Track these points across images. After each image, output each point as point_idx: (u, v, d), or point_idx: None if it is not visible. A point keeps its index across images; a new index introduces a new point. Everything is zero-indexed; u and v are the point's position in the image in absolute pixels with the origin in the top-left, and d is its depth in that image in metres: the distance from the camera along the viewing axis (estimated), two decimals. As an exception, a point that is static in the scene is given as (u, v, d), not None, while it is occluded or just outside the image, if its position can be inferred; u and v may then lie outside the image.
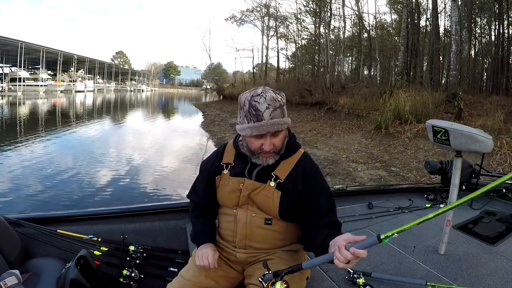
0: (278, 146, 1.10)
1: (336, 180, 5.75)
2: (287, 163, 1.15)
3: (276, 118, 1.03)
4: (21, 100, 23.67)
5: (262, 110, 1.01)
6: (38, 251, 1.61)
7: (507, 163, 5.54)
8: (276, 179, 1.13)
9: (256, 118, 1.02)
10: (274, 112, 1.02)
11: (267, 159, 1.11)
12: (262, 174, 1.15)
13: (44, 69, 34.03)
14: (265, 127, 1.02)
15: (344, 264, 0.86)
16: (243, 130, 1.06)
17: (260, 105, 1.01)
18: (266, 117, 1.01)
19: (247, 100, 1.04)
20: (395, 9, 16.22)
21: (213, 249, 1.18)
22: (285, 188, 1.12)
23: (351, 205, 2.21)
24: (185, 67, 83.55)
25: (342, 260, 0.86)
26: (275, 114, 1.03)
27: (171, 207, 1.92)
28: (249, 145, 1.11)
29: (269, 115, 1.02)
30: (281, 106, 1.05)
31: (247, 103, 1.03)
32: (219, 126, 13.36)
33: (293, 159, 1.16)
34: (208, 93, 49.54)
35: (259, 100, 1.02)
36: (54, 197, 4.77)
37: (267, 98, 1.02)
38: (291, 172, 1.14)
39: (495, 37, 12.06)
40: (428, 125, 1.62)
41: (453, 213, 1.63)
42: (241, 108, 1.06)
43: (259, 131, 1.03)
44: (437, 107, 8.67)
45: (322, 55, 16.50)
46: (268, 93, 1.03)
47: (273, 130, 1.04)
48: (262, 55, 25.89)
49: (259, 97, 1.02)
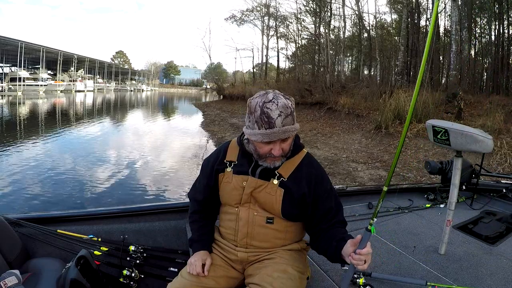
0: (286, 150, 1.12)
1: (336, 180, 5.75)
2: (290, 163, 1.17)
3: (288, 125, 1.03)
4: (21, 99, 23.66)
5: (275, 117, 1.01)
6: (38, 251, 1.61)
7: (507, 163, 5.54)
8: (279, 177, 1.15)
9: (268, 125, 1.02)
10: (286, 119, 1.03)
11: (275, 162, 1.13)
12: (266, 173, 1.16)
13: (44, 69, 34.01)
14: (276, 134, 1.03)
15: (364, 265, 0.95)
16: (253, 135, 1.06)
17: (273, 112, 1.01)
18: (278, 124, 1.02)
19: (258, 106, 1.03)
20: (395, 9, 16.21)
21: (204, 257, 1.19)
22: (288, 187, 1.14)
23: (351, 205, 2.21)
24: (185, 67, 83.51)
25: (362, 264, 0.95)
26: (287, 122, 1.03)
27: (171, 207, 1.91)
28: (257, 149, 1.11)
29: (281, 122, 1.02)
30: (292, 112, 1.05)
31: (259, 109, 1.02)
32: (219, 125, 13.36)
33: (296, 159, 1.18)
34: (208, 93, 49.54)
35: (271, 107, 1.01)
36: (61, 194, 4.82)
37: (279, 105, 1.02)
38: (294, 172, 1.16)
39: (495, 37, 12.05)
40: (428, 125, 1.62)
41: (453, 213, 1.63)
42: (251, 113, 1.05)
43: (270, 138, 1.03)
44: (437, 107, 8.67)
45: (322, 55, 16.49)
46: (280, 100, 1.03)
47: (284, 137, 1.05)
48: (262, 55, 25.89)
49: (271, 104, 1.02)
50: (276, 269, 1.12)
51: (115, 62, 65.40)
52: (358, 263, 0.95)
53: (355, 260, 0.95)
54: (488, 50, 12.64)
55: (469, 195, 2.43)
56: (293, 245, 1.24)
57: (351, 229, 1.90)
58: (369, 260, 0.96)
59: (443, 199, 2.36)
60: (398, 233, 1.88)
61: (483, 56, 13.16)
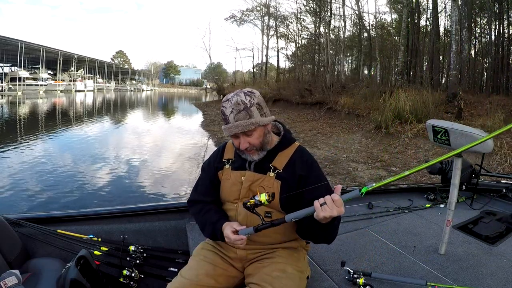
0: (256, 143, 1.17)
1: (336, 180, 5.74)
2: (283, 155, 1.21)
3: (240, 120, 1.12)
4: (21, 99, 23.65)
5: (228, 114, 1.13)
6: (38, 251, 1.61)
7: (507, 163, 5.54)
8: (274, 170, 1.19)
9: (224, 121, 1.16)
10: (238, 115, 1.12)
11: (252, 155, 1.19)
12: (261, 166, 1.20)
13: (44, 69, 33.98)
14: (231, 129, 1.13)
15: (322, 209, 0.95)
16: (223, 131, 1.20)
17: (226, 110, 1.14)
18: (232, 120, 1.13)
19: (221, 105, 1.18)
20: (395, 9, 16.20)
21: (232, 228, 1.14)
22: (284, 178, 1.17)
23: (351, 205, 2.21)
24: (185, 67, 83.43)
25: (320, 201, 0.96)
26: (239, 117, 1.12)
27: (171, 207, 1.92)
28: (233, 144, 1.22)
29: (234, 118, 1.12)
30: (246, 108, 1.13)
31: (221, 107, 1.17)
32: (219, 125, 13.30)
33: (289, 151, 1.22)
34: (208, 92, 49.50)
35: (226, 105, 1.14)
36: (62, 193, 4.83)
37: (232, 103, 1.13)
38: (288, 163, 1.20)
39: (495, 37, 12.05)
40: (429, 125, 1.62)
41: (453, 213, 1.63)
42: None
43: (228, 133, 1.15)
44: (437, 107, 8.67)
45: (322, 55, 16.47)
46: (235, 98, 1.14)
47: (239, 131, 1.13)
48: (262, 55, 25.93)
49: (226, 102, 1.15)
50: (276, 269, 1.13)
51: (115, 62, 65.36)
52: (320, 201, 0.96)
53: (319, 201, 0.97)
54: (488, 50, 12.64)
55: (469, 195, 2.43)
56: (292, 243, 1.24)
57: (351, 229, 1.91)
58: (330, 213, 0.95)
59: (443, 199, 2.36)
60: (398, 233, 1.88)
61: (483, 56, 13.16)
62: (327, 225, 1.02)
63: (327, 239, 1.15)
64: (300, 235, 1.20)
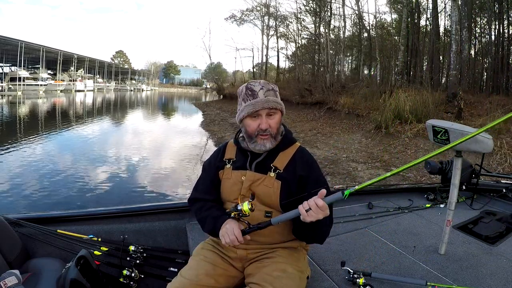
0: (274, 127, 1.18)
1: (336, 180, 5.74)
2: (284, 155, 1.22)
3: (270, 97, 1.16)
4: (21, 99, 23.64)
5: (257, 90, 1.16)
6: (38, 251, 1.61)
7: (507, 163, 5.54)
8: (275, 170, 1.18)
9: (252, 97, 1.16)
10: (268, 92, 1.17)
11: (265, 142, 1.17)
12: (262, 166, 1.20)
13: (44, 69, 33.96)
14: (260, 103, 1.14)
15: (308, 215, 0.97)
16: (241, 112, 1.18)
17: (255, 87, 1.17)
18: (261, 95, 1.16)
19: (244, 86, 1.20)
20: (395, 9, 16.19)
21: (237, 224, 1.12)
22: (284, 178, 1.17)
23: (351, 205, 2.21)
24: (185, 67, 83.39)
25: (305, 207, 0.98)
26: (269, 94, 1.17)
27: (171, 207, 1.92)
28: (247, 129, 1.19)
29: (264, 94, 1.16)
30: (274, 90, 1.19)
31: (244, 88, 1.19)
32: (219, 125, 13.35)
33: (290, 151, 1.23)
34: (208, 92, 49.53)
35: (254, 84, 1.19)
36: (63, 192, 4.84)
37: (261, 83, 1.19)
38: (289, 163, 1.20)
39: (495, 37, 12.03)
40: (429, 125, 1.62)
41: (453, 213, 1.63)
42: (239, 96, 1.21)
43: (254, 108, 1.15)
44: (437, 106, 8.66)
45: (322, 55, 16.48)
46: (262, 80, 1.22)
47: (268, 106, 1.15)
48: (262, 55, 25.85)
49: (254, 82, 1.20)
50: (276, 268, 1.13)
51: (115, 62, 65.33)
52: (305, 206, 0.98)
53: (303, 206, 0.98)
54: (488, 50, 12.63)
55: (469, 195, 2.43)
56: (292, 243, 1.24)
57: (351, 229, 1.91)
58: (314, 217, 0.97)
59: (443, 199, 2.36)
60: (398, 233, 1.88)
61: (483, 56, 13.14)
62: (314, 225, 1.03)
63: (316, 239, 1.17)
64: (295, 235, 1.20)
